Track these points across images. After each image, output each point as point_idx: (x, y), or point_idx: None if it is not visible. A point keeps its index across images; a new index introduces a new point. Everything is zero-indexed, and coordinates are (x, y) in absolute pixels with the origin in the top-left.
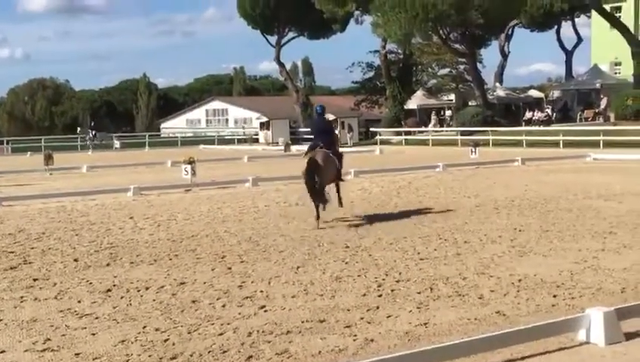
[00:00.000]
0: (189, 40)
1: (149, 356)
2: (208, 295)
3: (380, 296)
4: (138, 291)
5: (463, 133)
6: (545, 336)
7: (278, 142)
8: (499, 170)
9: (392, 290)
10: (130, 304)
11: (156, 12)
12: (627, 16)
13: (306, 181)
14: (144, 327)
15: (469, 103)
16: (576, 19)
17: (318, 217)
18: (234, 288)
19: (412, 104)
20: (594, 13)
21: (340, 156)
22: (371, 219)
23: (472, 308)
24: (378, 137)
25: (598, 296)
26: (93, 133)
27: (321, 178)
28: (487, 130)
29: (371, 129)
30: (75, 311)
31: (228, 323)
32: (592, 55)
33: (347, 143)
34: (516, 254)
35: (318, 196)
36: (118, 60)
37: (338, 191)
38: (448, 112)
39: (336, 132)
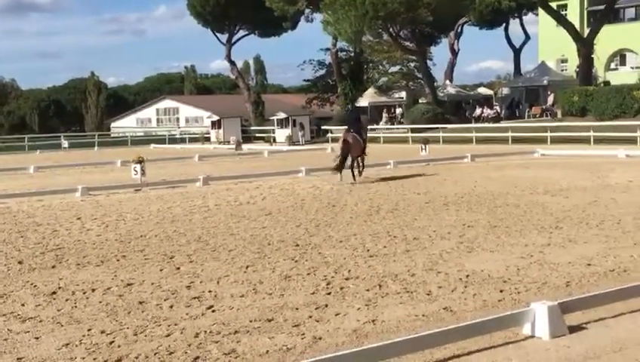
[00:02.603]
0: (140, 38)
1: (94, 359)
2: (156, 296)
3: (328, 294)
4: (84, 293)
5: (413, 131)
6: (490, 331)
7: (229, 141)
8: (449, 166)
9: (341, 288)
10: (76, 306)
11: (105, 10)
12: (573, 14)
13: (342, 153)
14: (89, 330)
15: (420, 101)
16: (523, 17)
17: (340, 179)
18: (182, 288)
19: (363, 102)
20: (541, 11)
21: (364, 140)
22: (321, 216)
23: (420, 305)
24: (330, 135)
25: (544, 290)
26: None
27: (352, 153)
28: (437, 128)
29: (323, 127)
30: (19, 315)
31: (175, 324)
32: (540, 52)
33: (299, 142)
34: (464, 250)
35: (342, 168)
36: (66, 59)
37: (358, 166)
38: (399, 110)
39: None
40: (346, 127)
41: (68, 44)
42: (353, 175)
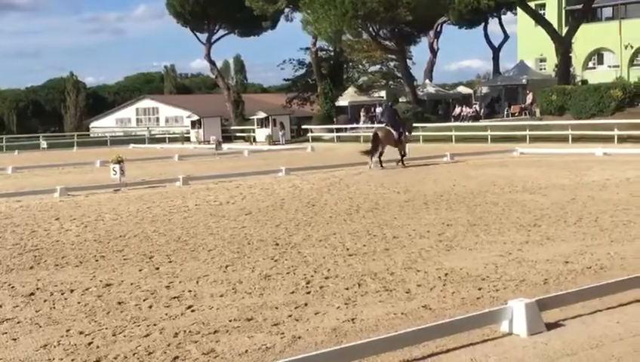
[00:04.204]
0: (119, 38)
1: (72, 360)
2: (135, 296)
3: (308, 293)
4: (62, 294)
5: None
6: (468, 329)
7: (209, 141)
8: (428, 165)
9: (321, 287)
10: (54, 307)
11: (85, 9)
12: (551, 13)
13: (372, 144)
14: (67, 331)
15: (400, 100)
16: (502, 17)
17: (370, 167)
18: (161, 288)
19: (343, 101)
20: (519, 10)
21: (400, 133)
22: (301, 216)
23: (399, 303)
24: (310, 134)
25: (522, 288)
26: None
27: (381, 143)
28: (417, 126)
29: (303, 126)
30: None
31: (154, 324)
32: (518, 51)
33: (279, 141)
34: (444, 248)
35: (372, 154)
36: (45, 59)
37: (402, 153)
38: (379, 109)
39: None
40: (383, 123)
41: (47, 44)
42: (381, 163)
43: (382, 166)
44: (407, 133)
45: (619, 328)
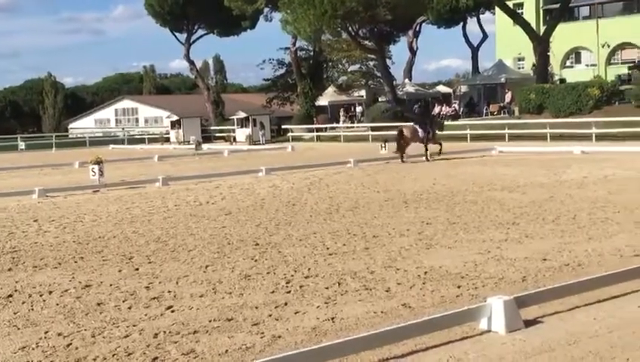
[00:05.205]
0: (98, 38)
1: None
2: (114, 297)
3: (288, 292)
4: (41, 296)
5: (373, 129)
6: (448, 326)
7: (189, 141)
8: (408, 164)
9: (301, 286)
10: (32, 309)
11: (63, 10)
12: (529, 13)
13: (396, 140)
14: (46, 333)
15: (380, 99)
16: (481, 16)
17: (402, 160)
18: (141, 289)
19: (323, 101)
20: (498, 9)
21: (428, 132)
22: (281, 215)
23: (379, 302)
24: (290, 134)
25: (501, 286)
26: None
27: (404, 140)
28: (398, 126)
29: (283, 126)
30: None
31: (134, 325)
32: (497, 51)
33: (259, 141)
34: (423, 247)
35: (400, 150)
36: (23, 59)
37: (438, 145)
38: (359, 108)
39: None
40: (413, 121)
41: (25, 44)
42: (402, 156)
43: (402, 161)
44: (436, 131)
45: (596, 324)
